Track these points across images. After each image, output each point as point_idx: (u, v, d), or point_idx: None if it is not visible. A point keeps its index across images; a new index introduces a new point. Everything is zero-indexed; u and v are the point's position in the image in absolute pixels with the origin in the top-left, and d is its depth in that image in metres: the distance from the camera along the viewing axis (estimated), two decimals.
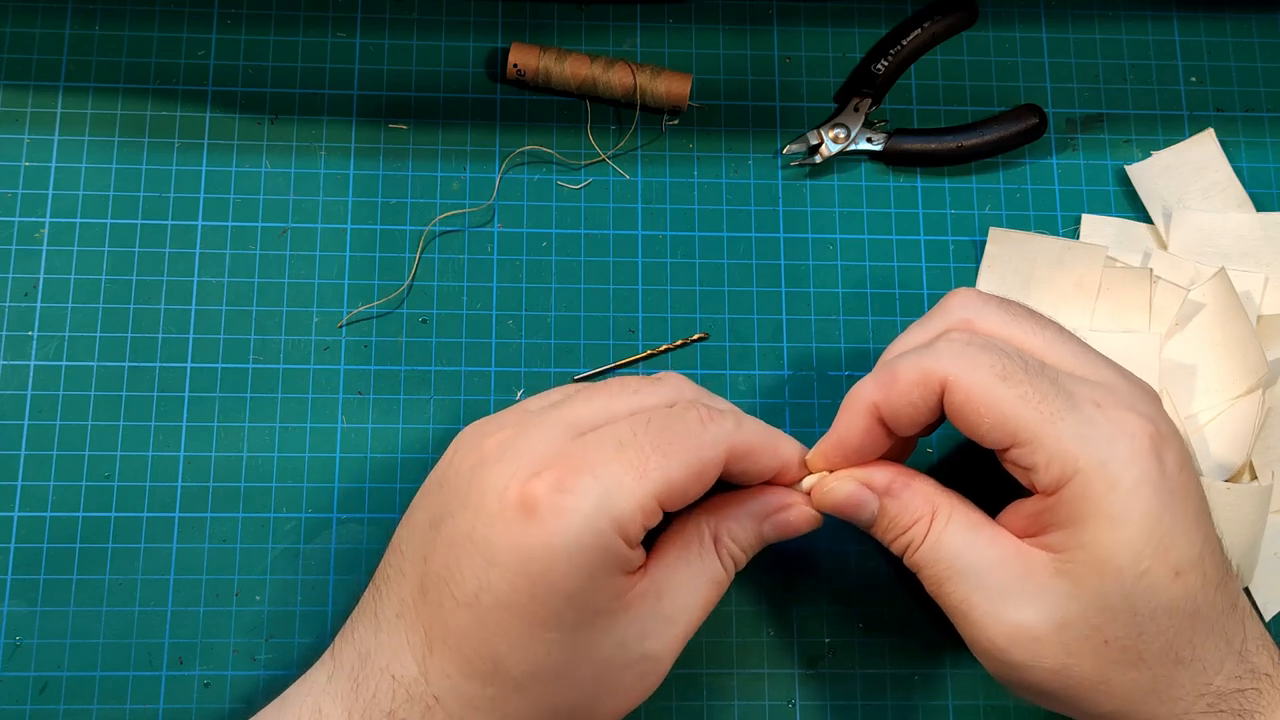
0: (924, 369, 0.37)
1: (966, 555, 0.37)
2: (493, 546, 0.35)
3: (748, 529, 0.40)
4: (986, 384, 0.36)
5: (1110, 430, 0.35)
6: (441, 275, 0.50)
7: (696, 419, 0.37)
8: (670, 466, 0.36)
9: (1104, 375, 0.38)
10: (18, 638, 0.45)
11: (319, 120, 0.51)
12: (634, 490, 0.35)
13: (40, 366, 0.48)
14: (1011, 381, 0.36)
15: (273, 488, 0.47)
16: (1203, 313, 0.49)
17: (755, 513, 0.40)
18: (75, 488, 0.47)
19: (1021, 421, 0.35)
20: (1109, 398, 0.36)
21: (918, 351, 0.38)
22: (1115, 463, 0.35)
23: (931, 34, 0.53)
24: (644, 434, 0.36)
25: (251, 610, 0.46)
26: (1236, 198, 0.52)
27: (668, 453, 0.36)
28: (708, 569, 0.39)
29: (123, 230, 0.49)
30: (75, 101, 0.51)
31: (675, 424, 0.37)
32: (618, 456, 0.36)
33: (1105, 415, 0.36)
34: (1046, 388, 0.36)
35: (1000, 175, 0.53)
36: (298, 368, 0.48)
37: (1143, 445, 0.35)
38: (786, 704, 0.47)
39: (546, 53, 0.51)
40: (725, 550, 0.39)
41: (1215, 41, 0.55)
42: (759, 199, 0.52)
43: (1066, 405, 0.36)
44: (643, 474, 0.36)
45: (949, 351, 0.37)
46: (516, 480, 0.35)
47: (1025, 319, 0.39)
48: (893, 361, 0.38)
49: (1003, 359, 0.36)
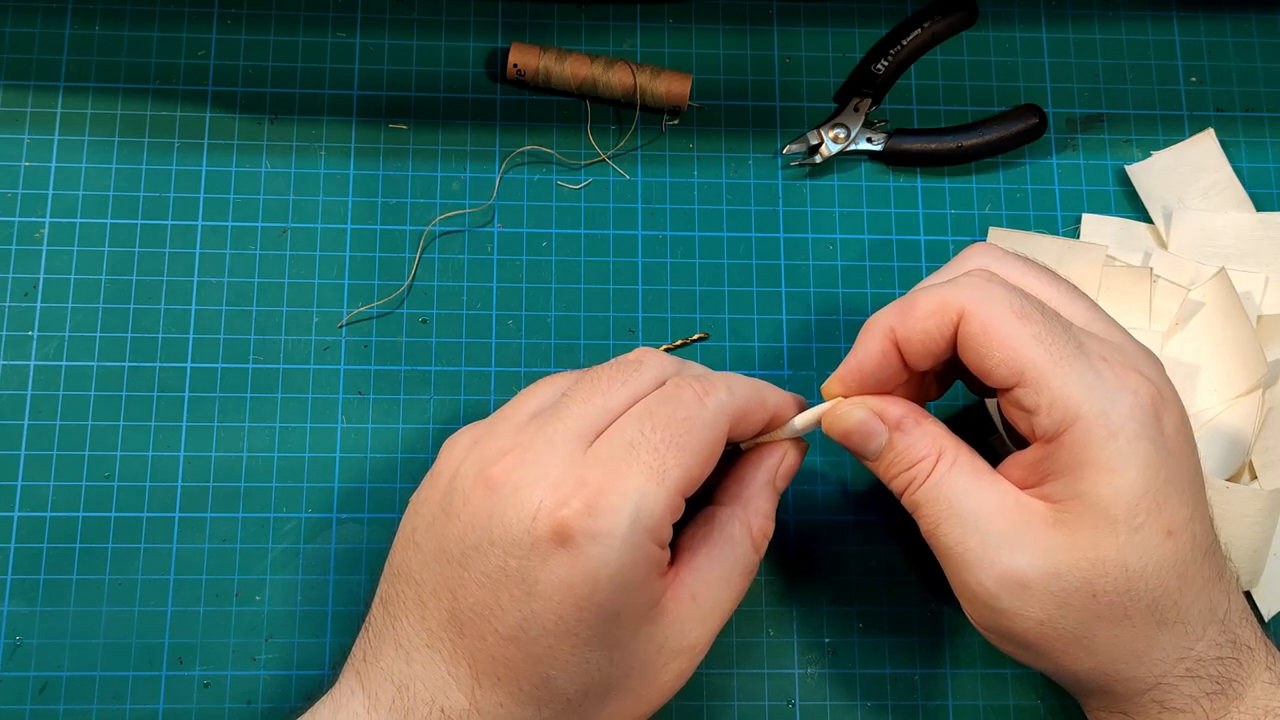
0: (943, 298, 0.37)
1: (966, 499, 0.38)
2: (533, 579, 0.35)
3: (768, 498, 0.40)
4: (1002, 317, 0.36)
5: (1115, 383, 0.36)
6: (441, 275, 0.50)
7: (693, 397, 0.37)
8: (685, 459, 0.36)
9: (1113, 335, 0.38)
10: (18, 637, 0.45)
11: (319, 120, 0.51)
12: (659, 495, 0.36)
13: (40, 366, 0.48)
14: (1026, 320, 0.36)
15: (273, 488, 0.47)
16: (1203, 312, 0.49)
17: (767, 479, 0.41)
18: (75, 488, 0.47)
19: (1030, 359, 0.36)
20: (1116, 355, 0.37)
21: (938, 284, 0.38)
22: (1117, 414, 0.35)
23: (931, 34, 0.53)
24: (651, 430, 0.36)
25: (251, 610, 0.46)
26: (1236, 198, 0.52)
27: (680, 445, 0.36)
28: (741, 562, 0.39)
29: (123, 230, 0.49)
30: (75, 101, 0.51)
31: (676, 410, 0.37)
32: (635, 463, 0.36)
33: (1111, 369, 0.36)
34: (1059, 332, 0.36)
35: (1000, 175, 0.53)
36: (298, 368, 0.48)
37: (1144, 402, 0.36)
38: (786, 704, 0.47)
39: (546, 53, 0.51)
40: (760, 533, 0.40)
41: (1215, 41, 0.55)
42: (759, 199, 0.52)
43: (1075, 352, 0.36)
44: (663, 476, 0.36)
45: (968, 284, 0.37)
46: (544, 511, 0.35)
47: (1042, 273, 0.40)
48: (913, 292, 0.39)
49: (1020, 298, 0.37)
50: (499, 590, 0.35)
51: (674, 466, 0.36)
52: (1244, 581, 0.47)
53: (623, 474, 0.35)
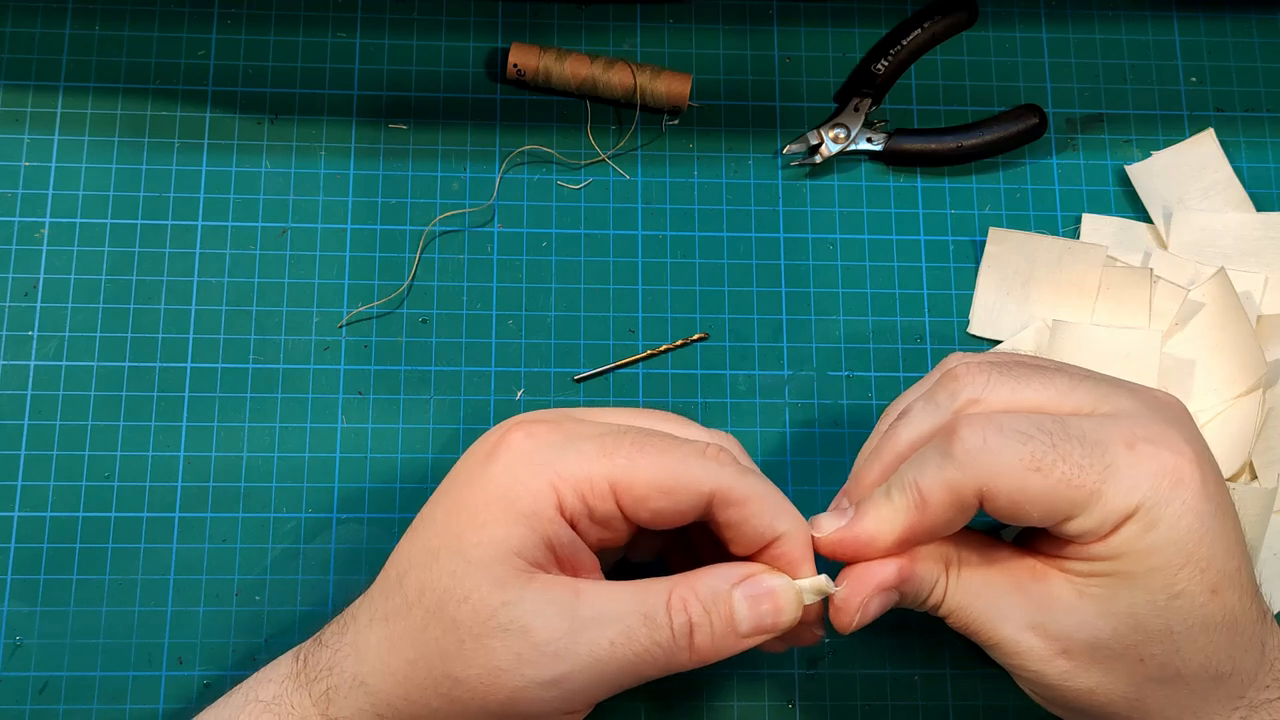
0: (953, 487, 0.35)
1: (985, 594, 0.37)
2: (453, 480, 0.37)
3: (714, 586, 0.36)
4: (1023, 482, 0.35)
5: (1149, 469, 0.35)
6: (441, 275, 0.50)
7: (699, 449, 0.36)
8: (639, 463, 0.35)
9: (1126, 405, 0.37)
10: (18, 638, 0.45)
11: (319, 120, 0.51)
12: (591, 461, 0.35)
13: (40, 366, 0.48)
14: (1045, 469, 0.35)
15: (272, 488, 0.47)
16: (1202, 312, 0.49)
17: (726, 574, 0.36)
18: (75, 488, 0.47)
19: (1069, 501, 0.35)
20: (1139, 432, 0.35)
21: (938, 464, 0.36)
22: (1156, 504, 0.34)
23: (931, 34, 0.53)
24: (633, 434, 0.36)
25: (251, 610, 0.46)
26: (1236, 198, 0.52)
27: (645, 452, 0.36)
28: (646, 602, 0.35)
29: (123, 230, 0.49)
30: (75, 101, 0.51)
31: (677, 446, 0.36)
32: (596, 436, 0.36)
33: (1140, 455, 0.35)
34: (1079, 456, 0.35)
35: (1000, 175, 0.53)
36: (298, 368, 0.48)
37: (1177, 477, 0.35)
38: (786, 704, 0.47)
39: (546, 53, 0.51)
40: (679, 598, 0.36)
41: (1215, 41, 0.55)
42: (759, 199, 0.52)
43: (1103, 467, 0.35)
44: (607, 454, 0.35)
45: (969, 457, 0.35)
46: (500, 430, 0.37)
47: (1032, 377, 0.38)
48: (914, 479, 0.36)
49: (1028, 446, 0.35)
50: None
51: (623, 458, 0.35)
52: None
53: (580, 434, 0.36)
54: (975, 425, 0.36)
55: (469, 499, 0.36)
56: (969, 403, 0.37)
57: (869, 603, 0.37)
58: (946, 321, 0.51)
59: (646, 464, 0.35)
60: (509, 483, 0.35)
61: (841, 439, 0.49)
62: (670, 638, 0.35)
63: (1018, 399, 0.37)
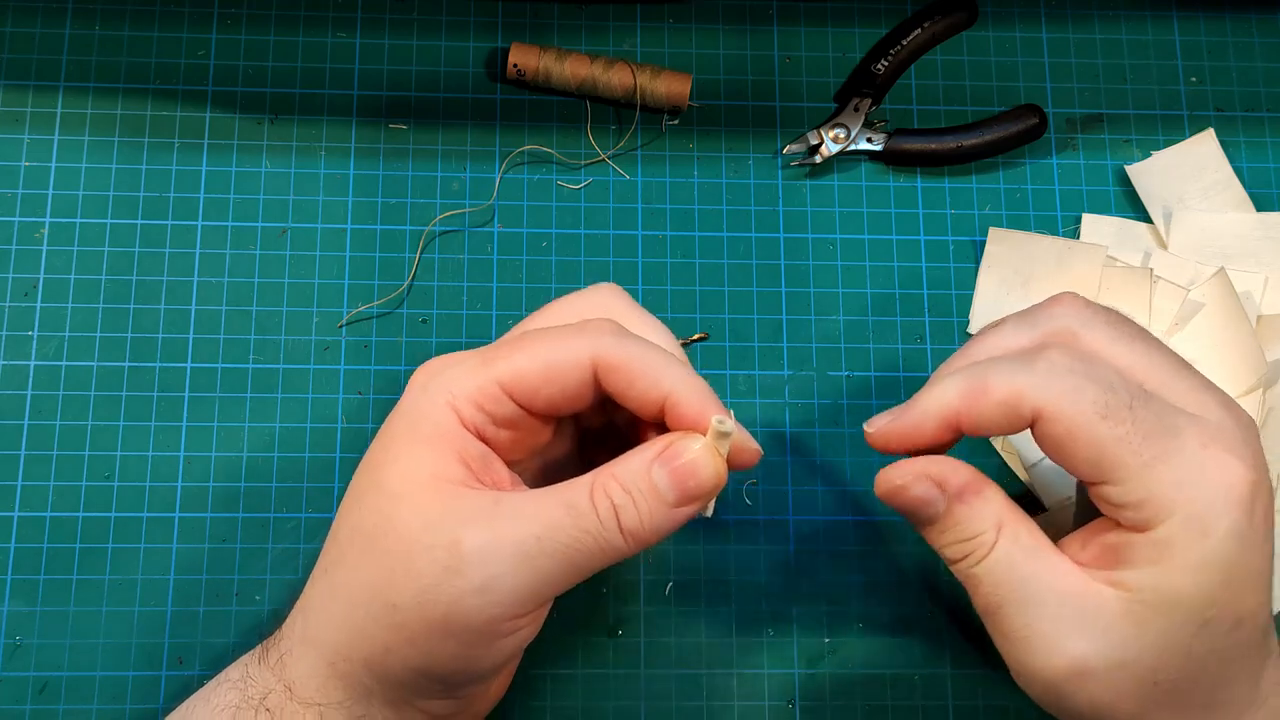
0: (1019, 391, 0.35)
1: (1031, 582, 0.36)
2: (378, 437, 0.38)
3: (633, 468, 0.36)
4: (1087, 421, 0.34)
5: (1213, 476, 0.34)
6: (441, 275, 0.50)
7: (577, 328, 0.37)
8: (518, 357, 0.37)
9: (1211, 409, 0.36)
10: (18, 637, 0.45)
11: (319, 120, 0.51)
12: (476, 371, 0.37)
13: (40, 366, 0.48)
14: (1114, 419, 0.34)
15: (273, 488, 0.47)
16: (1202, 312, 0.49)
17: (643, 452, 0.36)
18: (75, 488, 0.47)
19: (1120, 462, 0.34)
20: (1216, 438, 0.35)
21: (1014, 366, 0.35)
22: (1211, 513, 0.34)
23: (931, 34, 0.53)
24: (514, 336, 0.38)
25: (251, 610, 0.46)
26: (1236, 198, 0.52)
27: (518, 347, 0.37)
28: (568, 495, 0.35)
29: (123, 230, 0.49)
30: (75, 101, 0.51)
31: (554, 331, 0.37)
32: (479, 351, 0.38)
33: (1210, 458, 0.34)
34: (1151, 425, 0.34)
35: (1000, 175, 0.53)
36: (298, 368, 0.48)
37: (1240, 495, 0.34)
38: (786, 704, 0.46)
39: (546, 53, 0.51)
40: (600, 487, 0.35)
41: (1215, 41, 0.55)
42: (759, 199, 0.52)
43: (1169, 447, 0.34)
44: (488, 361, 0.37)
45: (1047, 376, 0.35)
46: None
47: (1135, 339, 0.37)
48: (985, 369, 0.36)
49: (1107, 393, 0.34)
50: None
51: (503, 360, 0.37)
52: None
53: (464, 357, 0.38)
54: (1068, 352, 0.35)
55: (381, 442, 0.38)
56: (1066, 332, 0.37)
57: (915, 482, 0.37)
58: (946, 321, 0.51)
59: (525, 356, 0.37)
60: (411, 414, 0.37)
61: (841, 439, 0.49)
62: (597, 523, 0.35)
63: (1114, 351, 0.37)
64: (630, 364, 0.36)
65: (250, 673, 0.38)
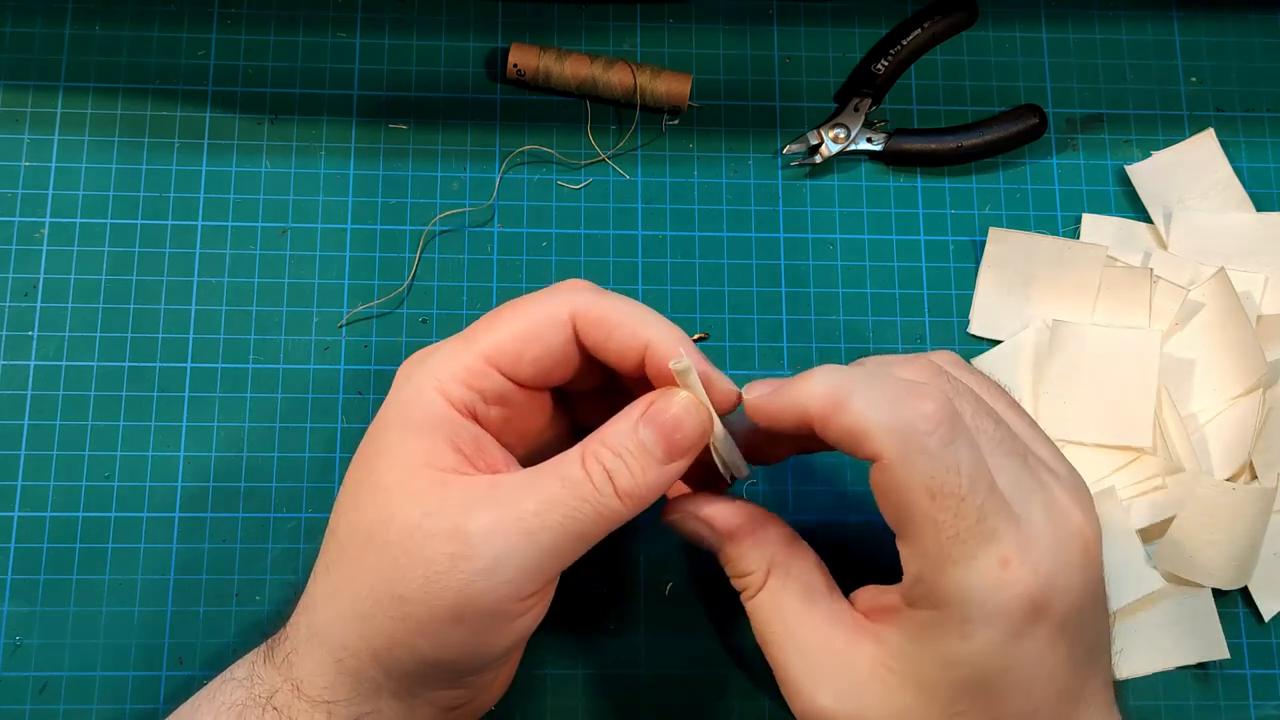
0: (868, 428, 0.34)
1: (793, 626, 0.37)
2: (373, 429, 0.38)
3: (621, 431, 0.36)
4: (911, 491, 0.33)
5: (997, 587, 0.33)
6: (441, 275, 0.50)
7: (551, 290, 0.38)
8: (498, 327, 0.38)
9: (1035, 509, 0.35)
10: (18, 638, 0.45)
11: (319, 120, 0.51)
12: (458, 350, 0.38)
13: (40, 366, 0.48)
14: (938, 502, 0.33)
15: (272, 488, 0.47)
16: (1202, 312, 0.49)
17: (628, 415, 0.36)
18: (75, 488, 0.47)
19: (922, 541, 0.34)
20: (1021, 550, 0.34)
21: (879, 400, 0.34)
22: (977, 618, 0.33)
23: (931, 34, 0.53)
24: (491, 312, 0.38)
25: (251, 610, 0.46)
26: (1237, 198, 0.52)
27: (496, 318, 0.38)
28: (561, 469, 0.36)
29: (123, 230, 0.49)
30: (75, 101, 0.51)
31: (530, 298, 0.38)
32: (459, 333, 0.39)
33: (1005, 575, 0.33)
34: (968, 526, 0.33)
35: (1000, 175, 0.53)
36: (298, 368, 0.48)
37: (1017, 608, 0.33)
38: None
39: (546, 53, 0.51)
40: (591, 454, 0.36)
41: (1215, 41, 0.55)
42: (759, 199, 0.52)
43: (973, 552, 0.33)
44: (469, 339, 0.38)
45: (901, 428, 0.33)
46: None
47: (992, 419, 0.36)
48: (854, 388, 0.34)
49: (946, 473, 0.33)
50: None
51: (483, 334, 0.38)
52: (1241, 579, 0.47)
53: (446, 343, 0.38)
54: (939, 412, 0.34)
55: (373, 436, 0.38)
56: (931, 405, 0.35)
57: (685, 519, 0.39)
58: (946, 321, 0.51)
59: (504, 325, 0.38)
60: (400, 405, 0.37)
61: None
62: (593, 490, 0.35)
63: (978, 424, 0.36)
64: (607, 316, 0.37)
65: (256, 671, 0.38)
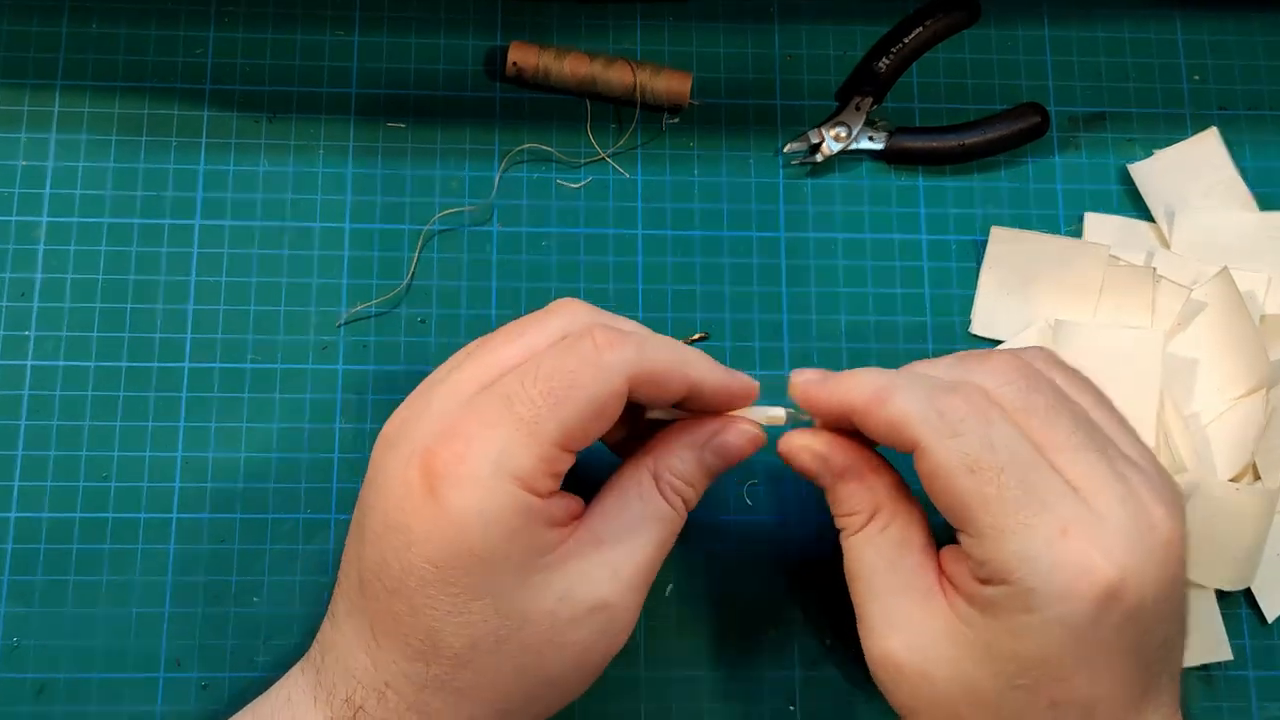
0: (907, 417, 0.36)
1: (878, 569, 0.38)
2: (408, 528, 0.35)
3: (687, 460, 0.39)
4: (951, 470, 0.35)
5: (1061, 562, 0.34)
6: (440, 275, 0.50)
7: (590, 350, 0.36)
8: (563, 412, 0.35)
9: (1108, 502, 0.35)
10: (15, 639, 0.45)
11: (317, 119, 0.51)
12: (529, 445, 0.35)
13: (37, 366, 0.48)
14: (980, 477, 0.35)
15: (270, 488, 0.47)
16: (1206, 312, 0.49)
17: (692, 442, 0.39)
18: (72, 488, 0.47)
19: (973, 518, 0.35)
20: (1085, 528, 0.34)
21: (915, 393, 0.36)
22: (1043, 593, 0.34)
23: (933, 32, 0.53)
24: (532, 382, 0.35)
25: (249, 612, 0.46)
26: (1240, 197, 0.52)
27: (559, 398, 0.35)
28: (650, 508, 0.38)
29: (120, 229, 0.49)
30: (72, 100, 0.51)
31: (565, 361, 0.35)
32: (508, 414, 0.35)
33: (1066, 546, 0.34)
34: (1016, 494, 0.34)
35: (1002, 174, 0.52)
36: (295, 368, 0.48)
37: (1082, 589, 0.34)
38: (786, 706, 0.46)
39: (546, 51, 0.51)
40: (667, 485, 0.39)
41: (1218, 40, 0.54)
42: (760, 198, 0.51)
43: (1028, 521, 0.34)
44: (534, 428, 0.35)
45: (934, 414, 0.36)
46: (416, 459, 0.35)
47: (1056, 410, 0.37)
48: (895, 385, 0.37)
49: (983, 450, 0.35)
50: (384, 543, 0.36)
51: (548, 419, 0.35)
52: (1244, 580, 0.47)
53: (494, 424, 0.35)
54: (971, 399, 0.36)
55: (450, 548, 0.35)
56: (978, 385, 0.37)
57: (799, 452, 0.40)
58: (948, 321, 0.50)
59: (570, 407, 0.35)
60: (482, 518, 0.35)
61: None
62: (677, 517, 0.39)
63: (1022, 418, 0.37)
64: (656, 371, 0.37)
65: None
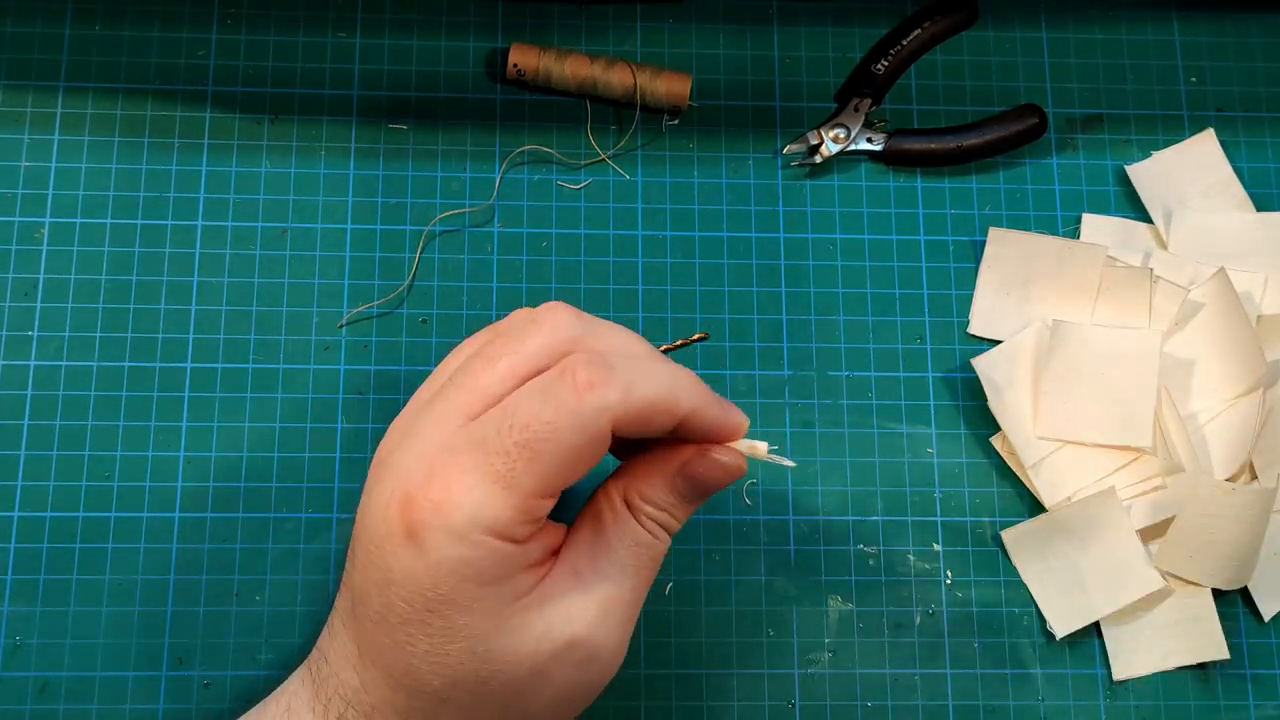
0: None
1: None
2: (388, 567, 0.35)
3: (657, 486, 0.37)
4: None
5: None
6: (441, 275, 0.50)
7: (570, 393, 0.34)
8: (540, 467, 0.34)
9: None
10: (18, 638, 0.45)
11: (319, 120, 0.51)
12: (505, 498, 0.34)
13: (40, 366, 0.48)
14: None
15: (272, 488, 0.47)
16: (1203, 313, 0.49)
17: (663, 469, 0.37)
18: (75, 488, 0.47)
19: None
20: None
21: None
22: None
23: (931, 34, 0.53)
24: (509, 431, 0.34)
25: (251, 611, 0.46)
26: (1237, 198, 0.52)
27: (535, 453, 0.34)
28: (626, 536, 0.37)
29: (123, 230, 0.49)
30: (75, 101, 0.51)
31: (543, 409, 0.34)
32: (484, 464, 0.34)
33: None
34: None
35: (1000, 175, 0.53)
36: (297, 368, 0.48)
37: None
38: (786, 704, 0.47)
39: (546, 53, 0.51)
40: (642, 514, 0.37)
41: (1215, 42, 0.55)
42: (759, 199, 0.52)
43: None
44: (511, 481, 0.34)
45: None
46: (395, 503, 0.35)
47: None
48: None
49: None
50: (368, 575, 0.36)
51: (525, 474, 0.34)
52: (1241, 579, 0.47)
53: (470, 472, 0.34)
54: None
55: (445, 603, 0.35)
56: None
57: None
58: (946, 321, 0.51)
59: (547, 464, 0.34)
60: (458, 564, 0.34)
61: (841, 439, 0.49)
62: (659, 545, 0.38)
63: None
64: (645, 413, 0.35)
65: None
